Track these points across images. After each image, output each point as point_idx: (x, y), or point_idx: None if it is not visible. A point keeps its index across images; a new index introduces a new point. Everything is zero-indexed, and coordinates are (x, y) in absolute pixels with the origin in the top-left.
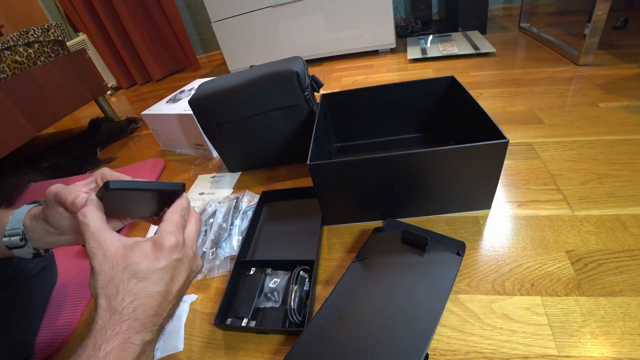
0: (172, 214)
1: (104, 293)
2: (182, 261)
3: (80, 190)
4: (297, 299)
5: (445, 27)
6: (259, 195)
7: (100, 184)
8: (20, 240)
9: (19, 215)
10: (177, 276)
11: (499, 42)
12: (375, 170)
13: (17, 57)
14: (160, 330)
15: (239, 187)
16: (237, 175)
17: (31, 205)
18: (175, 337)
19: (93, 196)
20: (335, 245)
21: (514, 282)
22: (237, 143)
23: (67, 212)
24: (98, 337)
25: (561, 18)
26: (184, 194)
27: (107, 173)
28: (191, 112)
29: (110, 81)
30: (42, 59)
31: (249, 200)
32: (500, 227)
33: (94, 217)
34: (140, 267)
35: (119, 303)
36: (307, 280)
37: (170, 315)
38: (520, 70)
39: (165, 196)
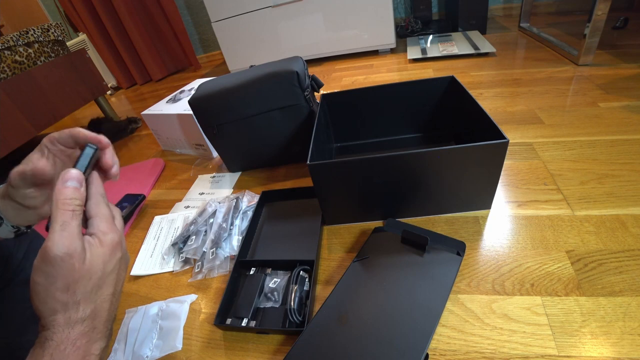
0: (97, 205)
1: (64, 309)
2: (124, 257)
3: (45, 165)
4: (297, 299)
5: (445, 27)
6: (259, 195)
7: (51, 145)
8: None
9: None
10: (121, 274)
11: (499, 42)
12: (375, 170)
13: (17, 57)
14: (110, 335)
15: (239, 187)
16: (237, 175)
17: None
18: (174, 336)
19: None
20: (335, 245)
21: (514, 282)
22: (237, 143)
23: (37, 191)
24: (55, 355)
25: (561, 18)
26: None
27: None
28: (191, 112)
29: (110, 81)
30: (42, 59)
31: (249, 200)
32: (500, 227)
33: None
34: (99, 274)
35: (80, 316)
36: (307, 280)
37: (115, 316)
38: (520, 70)
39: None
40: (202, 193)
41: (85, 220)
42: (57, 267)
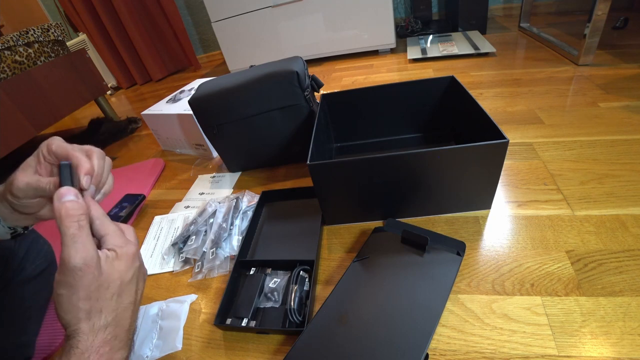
0: (104, 225)
1: (87, 317)
2: (141, 269)
3: (44, 177)
4: (297, 299)
5: (445, 27)
6: (259, 195)
7: (47, 155)
8: None
9: None
10: (139, 284)
11: (499, 42)
12: (375, 170)
13: (17, 57)
14: (132, 345)
15: (239, 187)
16: (237, 175)
17: None
18: (174, 336)
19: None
20: (335, 245)
21: (514, 282)
22: (237, 143)
23: (35, 200)
24: None
25: (561, 18)
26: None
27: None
28: (191, 112)
29: (110, 81)
30: (42, 59)
31: (249, 200)
32: (500, 227)
33: (85, 232)
34: (118, 283)
35: (102, 323)
36: (307, 280)
37: (136, 327)
38: (520, 70)
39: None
40: (202, 193)
41: (97, 241)
42: (77, 277)
